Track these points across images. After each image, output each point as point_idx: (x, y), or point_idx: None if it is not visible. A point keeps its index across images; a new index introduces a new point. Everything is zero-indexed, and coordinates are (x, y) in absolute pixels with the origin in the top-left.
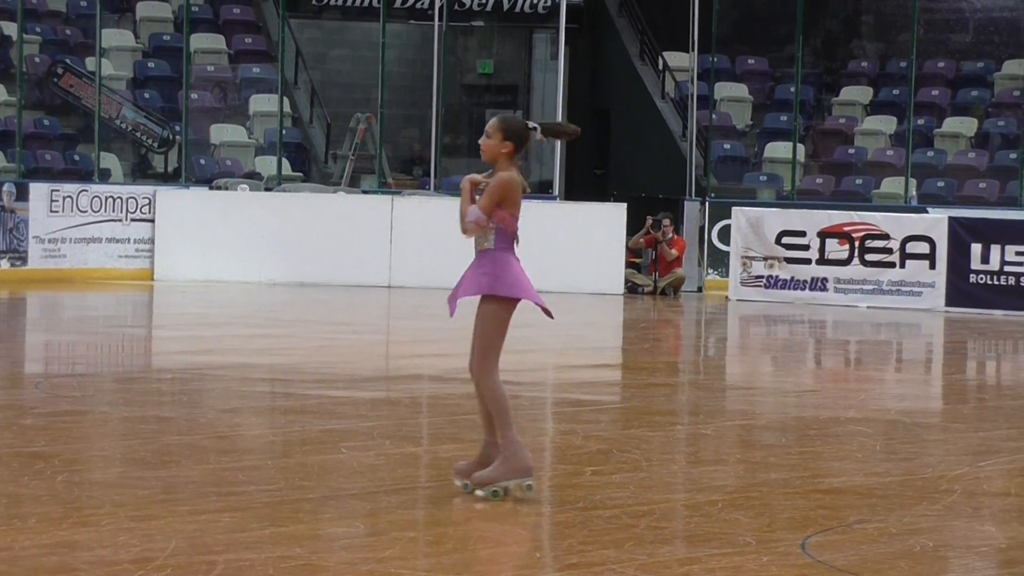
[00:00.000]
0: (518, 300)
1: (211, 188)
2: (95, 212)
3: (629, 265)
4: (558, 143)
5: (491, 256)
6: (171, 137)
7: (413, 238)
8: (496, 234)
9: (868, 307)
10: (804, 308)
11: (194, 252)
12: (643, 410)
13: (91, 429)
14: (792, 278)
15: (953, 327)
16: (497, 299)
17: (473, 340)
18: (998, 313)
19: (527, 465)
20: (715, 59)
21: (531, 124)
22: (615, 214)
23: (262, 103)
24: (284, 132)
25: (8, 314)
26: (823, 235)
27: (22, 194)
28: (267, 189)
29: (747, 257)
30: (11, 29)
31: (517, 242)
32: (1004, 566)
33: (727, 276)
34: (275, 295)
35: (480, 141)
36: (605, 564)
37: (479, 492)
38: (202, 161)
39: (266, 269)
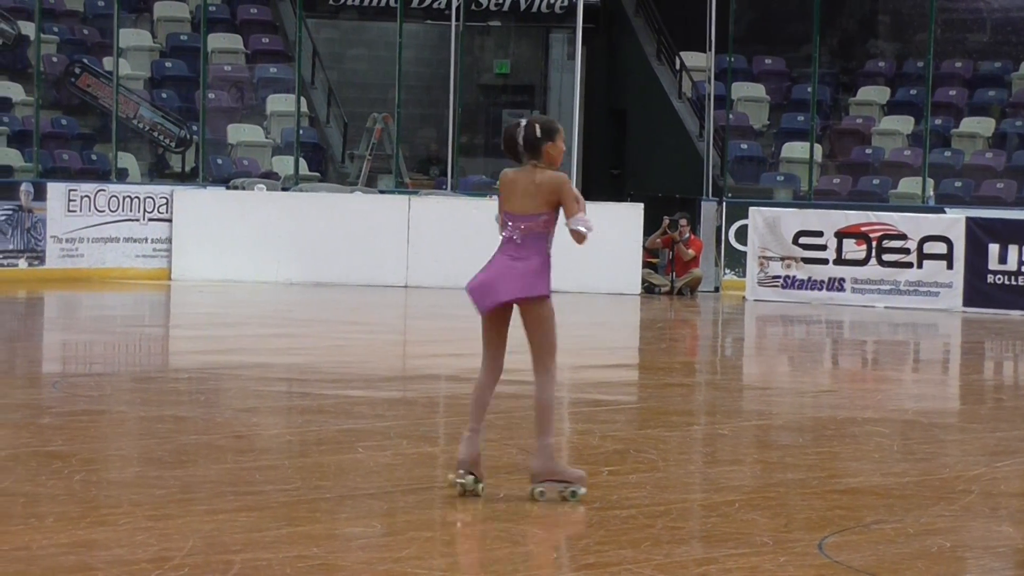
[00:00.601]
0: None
1: (228, 188)
2: (112, 212)
3: (646, 265)
4: (575, 143)
5: (549, 256)
6: (188, 137)
7: (430, 238)
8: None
9: (885, 307)
10: (821, 308)
11: (211, 252)
12: (660, 410)
13: (108, 428)
14: (809, 278)
15: (970, 327)
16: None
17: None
18: (1016, 313)
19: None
20: (732, 59)
21: None
22: (632, 214)
23: (279, 103)
24: (301, 132)
25: (26, 313)
26: (840, 235)
27: (40, 194)
28: (284, 189)
29: (764, 257)
30: (29, 29)
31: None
32: (1022, 566)
33: (744, 276)
34: (292, 295)
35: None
36: (622, 564)
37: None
38: (219, 161)
39: (283, 269)
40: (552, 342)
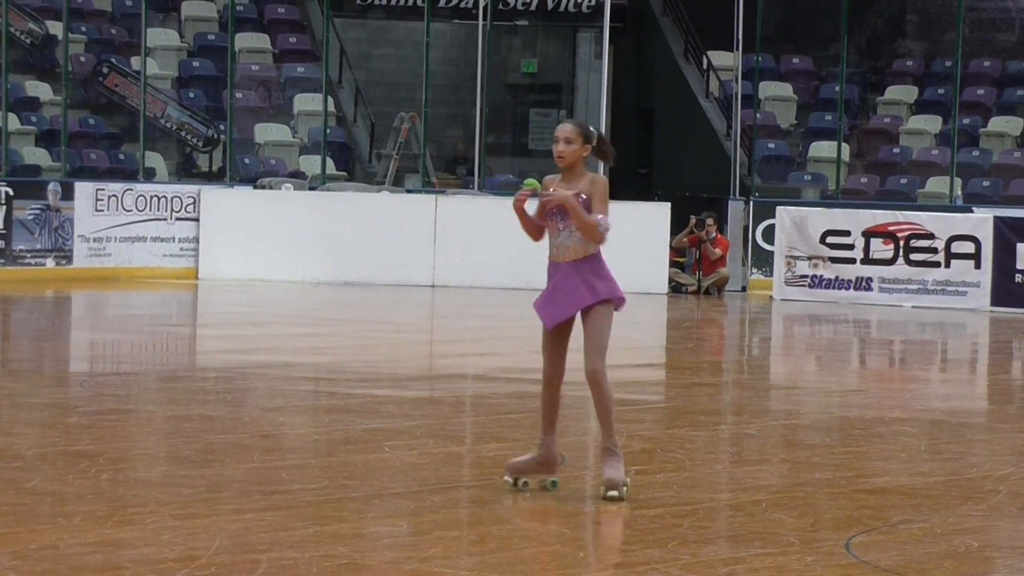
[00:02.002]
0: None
1: (255, 187)
2: (140, 211)
3: (673, 264)
4: None
5: (599, 259)
6: (216, 136)
7: (457, 237)
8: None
9: (913, 307)
10: (849, 308)
11: (238, 251)
12: (687, 409)
13: (135, 428)
14: (837, 278)
15: (998, 327)
16: (614, 300)
17: (590, 341)
18: None
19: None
20: (759, 58)
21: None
22: (659, 213)
23: (306, 102)
24: (328, 131)
25: (53, 312)
26: (868, 235)
27: (67, 193)
28: (311, 188)
29: (791, 256)
30: (57, 28)
31: None
32: None
33: (771, 276)
34: (319, 294)
35: (560, 149)
36: (649, 563)
37: (613, 493)
38: (246, 160)
39: (310, 268)
40: (605, 345)
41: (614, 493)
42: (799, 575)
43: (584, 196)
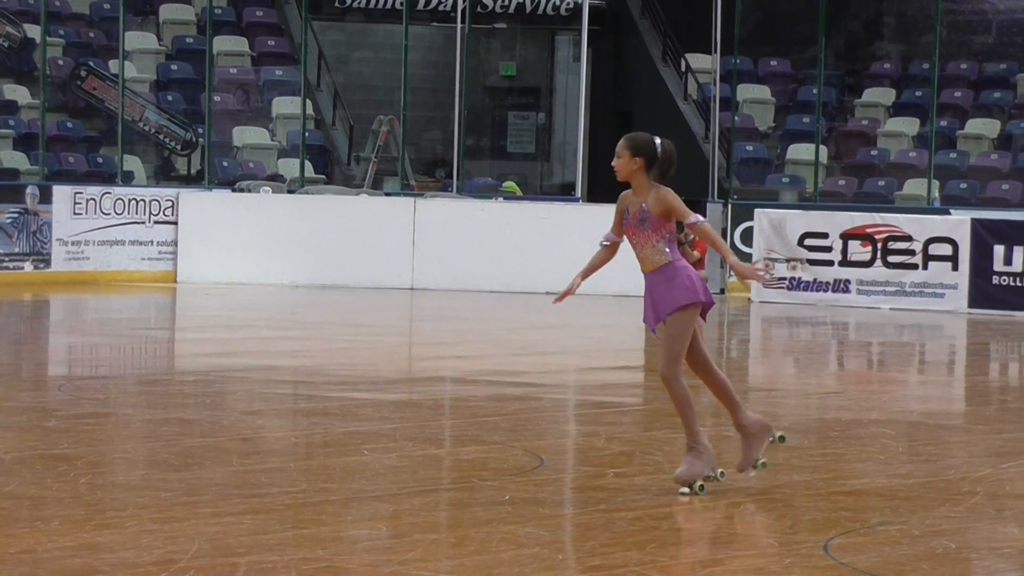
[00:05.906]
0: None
1: (234, 190)
2: (118, 214)
3: None
4: (580, 145)
5: (673, 267)
6: (194, 139)
7: (436, 240)
8: (670, 246)
9: (890, 309)
10: (826, 310)
11: (217, 254)
12: (666, 412)
13: (114, 431)
14: (815, 280)
15: (976, 329)
16: (691, 306)
17: (663, 348)
18: (1021, 315)
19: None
20: (737, 61)
21: (657, 139)
22: None
23: (285, 105)
24: (307, 134)
25: (31, 316)
26: (846, 237)
27: (45, 196)
28: (290, 191)
29: (769, 259)
30: (35, 32)
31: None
32: None
33: None
34: (298, 297)
35: (613, 163)
36: (627, 566)
37: (683, 490)
38: (225, 163)
39: (289, 271)
40: (675, 352)
41: (684, 490)
42: None
43: (644, 207)
